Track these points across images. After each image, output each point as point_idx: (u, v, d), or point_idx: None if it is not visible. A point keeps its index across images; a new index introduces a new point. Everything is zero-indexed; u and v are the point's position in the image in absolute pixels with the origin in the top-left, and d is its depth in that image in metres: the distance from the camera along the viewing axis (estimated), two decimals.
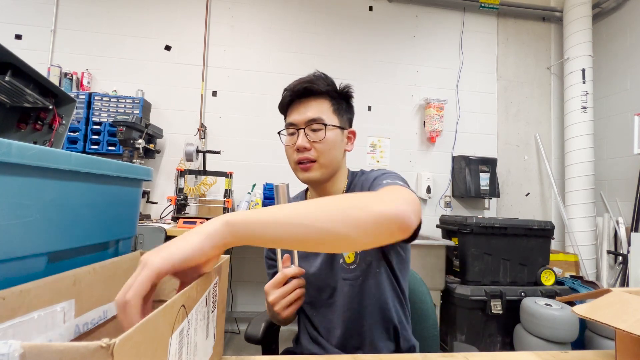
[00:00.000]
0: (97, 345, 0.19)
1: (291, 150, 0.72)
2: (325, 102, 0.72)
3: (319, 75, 0.73)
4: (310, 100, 0.71)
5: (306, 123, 0.70)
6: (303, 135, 0.69)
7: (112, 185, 0.50)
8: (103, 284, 0.43)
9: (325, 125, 0.69)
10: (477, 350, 0.58)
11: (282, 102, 0.74)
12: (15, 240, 0.34)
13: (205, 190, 2.21)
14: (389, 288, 0.73)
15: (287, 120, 0.74)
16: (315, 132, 0.70)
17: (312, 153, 0.69)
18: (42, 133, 0.78)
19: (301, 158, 0.70)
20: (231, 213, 0.41)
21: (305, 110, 0.70)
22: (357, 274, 0.71)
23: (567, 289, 1.92)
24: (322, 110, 0.71)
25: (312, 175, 0.70)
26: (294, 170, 0.73)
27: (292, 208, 0.43)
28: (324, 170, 0.71)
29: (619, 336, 0.51)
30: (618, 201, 2.47)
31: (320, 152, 0.70)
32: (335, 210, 0.43)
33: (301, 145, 0.69)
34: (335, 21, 2.64)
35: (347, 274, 0.72)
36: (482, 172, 2.54)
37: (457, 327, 1.85)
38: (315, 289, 0.75)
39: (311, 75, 0.73)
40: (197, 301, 0.35)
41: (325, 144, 0.70)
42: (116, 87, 2.33)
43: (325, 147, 0.70)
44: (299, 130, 0.70)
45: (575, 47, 2.55)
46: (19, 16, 2.30)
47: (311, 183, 0.74)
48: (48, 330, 0.33)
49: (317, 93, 0.71)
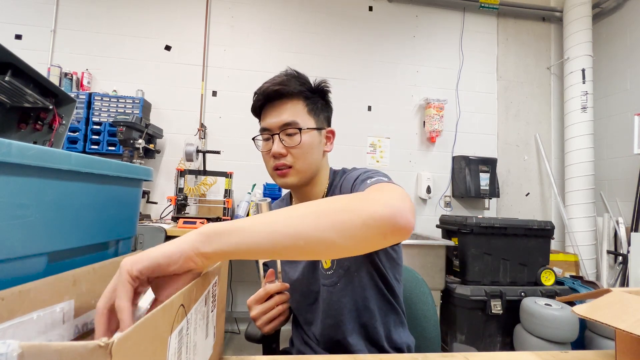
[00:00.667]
0: (96, 345, 0.19)
1: (267, 156, 0.69)
2: (299, 103, 0.68)
3: (291, 74, 0.69)
4: (283, 102, 0.67)
5: (280, 128, 0.66)
6: (278, 140, 0.66)
7: (112, 185, 0.50)
8: (103, 284, 0.43)
9: (300, 130, 0.66)
10: (476, 351, 0.58)
11: (254, 106, 0.71)
12: (15, 240, 0.34)
13: (205, 190, 2.21)
14: (373, 291, 0.70)
15: (261, 124, 0.70)
16: (291, 137, 0.66)
17: (289, 159, 0.66)
18: (42, 133, 0.78)
19: (278, 164, 0.67)
20: (211, 223, 0.38)
21: (278, 114, 0.67)
22: (334, 280, 0.69)
23: (567, 289, 1.92)
24: (296, 112, 0.67)
25: (289, 180, 0.68)
26: (271, 176, 0.70)
27: (272, 215, 0.39)
28: (301, 175, 0.68)
29: (619, 336, 0.51)
30: (618, 201, 2.47)
31: (297, 157, 0.66)
32: (318, 215, 0.39)
33: (276, 152, 0.66)
34: (335, 21, 2.64)
35: (325, 279, 0.70)
36: (482, 172, 2.54)
37: (457, 327, 1.85)
38: (300, 294, 0.75)
39: (282, 75, 0.69)
40: (196, 300, 0.35)
41: (301, 148, 0.66)
42: (116, 87, 2.33)
43: (301, 151, 0.66)
44: (273, 135, 0.67)
45: (575, 47, 2.55)
46: (19, 16, 2.30)
47: (290, 188, 0.71)
48: (47, 330, 0.33)
49: (290, 94, 0.67)
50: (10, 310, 0.30)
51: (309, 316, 0.75)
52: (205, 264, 0.36)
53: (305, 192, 0.74)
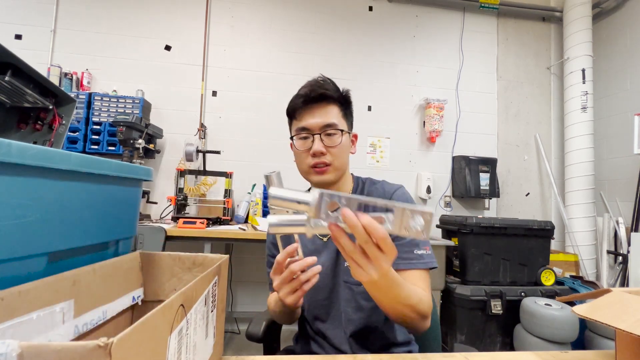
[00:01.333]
0: (95, 345, 0.18)
1: (305, 154, 0.73)
2: (335, 107, 0.74)
3: (327, 80, 0.75)
4: (323, 105, 0.73)
5: (321, 128, 0.72)
6: (319, 140, 0.71)
7: (112, 185, 0.50)
8: (103, 284, 0.43)
9: (341, 131, 0.72)
10: (476, 351, 0.58)
11: (294, 107, 0.75)
12: (15, 240, 0.34)
13: (205, 190, 2.21)
14: None
15: (297, 124, 0.74)
16: (330, 137, 0.72)
17: (327, 157, 0.72)
18: (42, 133, 0.78)
19: (317, 162, 0.72)
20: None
21: (320, 116, 0.72)
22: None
23: (567, 289, 1.92)
24: (335, 115, 0.73)
25: (326, 177, 0.73)
26: (305, 173, 0.75)
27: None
28: (337, 172, 0.74)
29: (619, 336, 0.51)
30: (618, 201, 2.47)
31: (335, 156, 0.72)
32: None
33: (318, 150, 0.71)
34: (335, 21, 2.64)
35: (348, 277, 0.72)
36: (482, 172, 2.54)
37: (457, 327, 1.85)
38: (314, 289, 0.75)
39: (319, 81, 0.74)
40: (196, 300, 0.35)
41: (340, 148, 0.72)
42: (116, 87, 2.33)
43: (339, 151, 0.73)
44: (314, 135, 0.72)
45: (575, 47, 2.55)
46: (19, 16, 2.30)
47: (324, 185, 0.75)
48: (47, 330, 0.33)
49: (330, 98, 0.73)
50: (10, 310, 0.29)
51: (320, 312, 0.75)
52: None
53: (334, 189, 0.77)
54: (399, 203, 0.37)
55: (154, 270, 0.53)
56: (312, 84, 0.73)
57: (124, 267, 0.48)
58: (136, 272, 0.51)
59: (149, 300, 0.52)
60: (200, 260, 0.52)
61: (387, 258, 0.41)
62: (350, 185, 0.81)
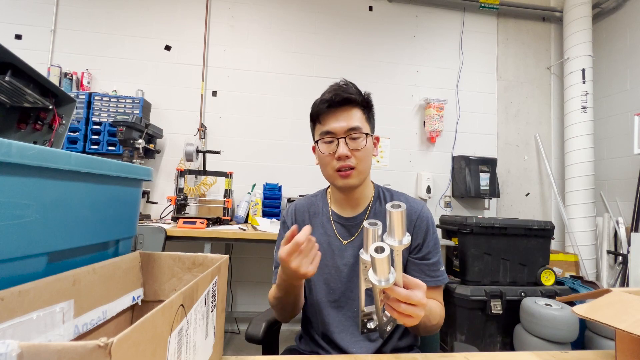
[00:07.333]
0: (95, 345, 0.18)
1: (329, 158, 0.73)
2: (359, 111, 0.74)
3: (349, 84, 0.75)
4: (346, 109, 0.73)
5: (346, 132, 0.71)
6: (344, 143, 0.71)
7: (112, 185, 0.50)
8: (102, 284, 0.43)
9: (366, 135, 0.72)
10: (477, 350, 0.58)
11: (319, 112, 0.74)
12: (15, 240, 0.34)
13: (205, 190, 2.21)
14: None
15: (322, 129, 0.74)
16: (355, 141, 0.72)
17: (352, 161, 0.72)
18: (42, 133, 0.78)
19: (342, 166, 0.72)
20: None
21: (345, 119, 0.72)
22: None
23: (567, 289, 1.92)
24: (359, 118, 0.73)
25: (351, 181, 0.73)
26: (330, 176, 0.75)
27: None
28: (361, 176, 0.74)
29: (619, 336, 0.51)
30: (618, 201, 2.47)
31: (360, 159, 0.72)
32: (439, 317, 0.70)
33: (344, 154, 0.71)
34: (335, 21, 2.64)
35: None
36: (482, 172, 2.54)
37: (457, 327, 1.85)
38: (330, 289, 0.76)
39: (342, 85, 0.74)
40: (196, 301, 0.35)
41: (364, 152, 0.73)
42: (116, 87, 2.33)
43: (364, 154, 0.73)
44: (339, 139, 0.71)
45: (575, 47, 2.55)
46: (19, 16, 2.30)
47: (350, 188, 0.75)
48: (47, 330, 0.33)
49: (354, 102, 0.73)
50: (10, 310, 0.29)
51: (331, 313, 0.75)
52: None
53: (357, 193, 0.78)
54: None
55: (154, 270, 0.53)
56: (336, 89, 0.73)
57: (124, 267, 0.48)
58: (136, 272, 0.51)
59: (149, 300, 0.52)
60: (200, 260, 0.52)
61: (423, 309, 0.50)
62: (372, 191, 0.81)
